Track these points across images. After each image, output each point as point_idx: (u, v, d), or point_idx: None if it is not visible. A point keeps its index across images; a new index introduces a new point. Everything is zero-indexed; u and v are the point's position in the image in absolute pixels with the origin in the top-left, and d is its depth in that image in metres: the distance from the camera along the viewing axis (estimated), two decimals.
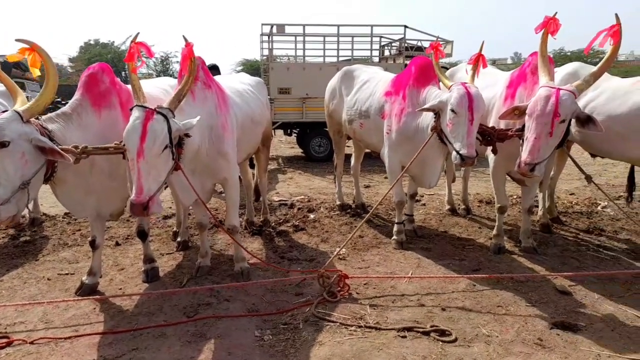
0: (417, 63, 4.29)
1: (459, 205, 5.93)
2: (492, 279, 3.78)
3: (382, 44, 11.60)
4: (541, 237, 4.82)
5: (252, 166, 5.78)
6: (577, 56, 29.74)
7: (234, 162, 3.73)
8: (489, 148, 4.00)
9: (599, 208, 5.88)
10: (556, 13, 3.63)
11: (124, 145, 2.91)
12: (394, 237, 4.64)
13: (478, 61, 3.91)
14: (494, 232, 4.50)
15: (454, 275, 3.91)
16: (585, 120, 3.44)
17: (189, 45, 3.20)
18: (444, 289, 3.66)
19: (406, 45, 10.66)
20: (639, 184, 5.64)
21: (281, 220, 5.48)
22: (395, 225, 4.66)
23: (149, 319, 3.18)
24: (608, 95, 4.15)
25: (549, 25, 3.60)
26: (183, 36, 3.22)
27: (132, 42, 3.18)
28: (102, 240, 3.69)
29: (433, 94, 3.96)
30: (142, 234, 3.83)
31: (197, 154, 3.35)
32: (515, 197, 6.24)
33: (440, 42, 11.22)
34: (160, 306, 3.37)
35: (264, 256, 4.41)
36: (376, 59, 11.43)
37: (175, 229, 4.93)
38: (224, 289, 3.65)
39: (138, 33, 3.22)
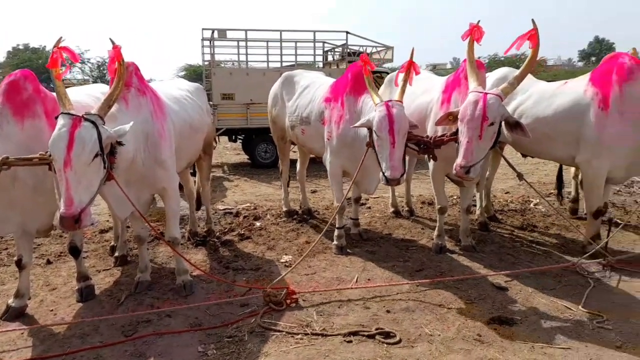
0: (353, 70, 4.33)
1: (403, 207, 6.07)
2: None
3: (326, 49, 11.70)
4: (480, 236, 5.01)
5: (194, 174, 5.63)
6: (511, 61, 31.43)
7: (173, 171, 3.61)
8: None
9: (531, 205, 6.21)
10: (479, 21, 3.79)
11: (49, 155, 2.74)
12: (335, 242, 4.65)
13: (409, 69, 3.92)
14: (436, 232, 4.64)
15: (398, 281, 3.98)
16: (514, 126, 3.61)
17: (116, 48, 3.07)
18: (389, 291, 3.71)
19: (349, 50, 10.81)
20: (568, 182, 6.04)
21: (226, 230, 5.36)
22: (336, 230, 4.68)
23: (82, 341, 3.00)
24: (535, 99, 4.40)
25: (474, 33, 3.76)
26: (110, 39, 3.09)
27: (54, 46, 3.00)
28: (30, 259, 3.44)
29: (367, 106, 4.01)
30: (75, 251, 3.62)
31: (132, 164, 3.21)
32: (455, 197, 6.46)
33: (381, 49, 11.35)
34: (95, 326, 3.19)
35: (208, 267, 4.29)
36: (320, 65, 11.52)
37: (112, 243, 4.71)
38: (166, 303, 3.53)
39: (61, 37, 3.06)
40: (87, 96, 3.68)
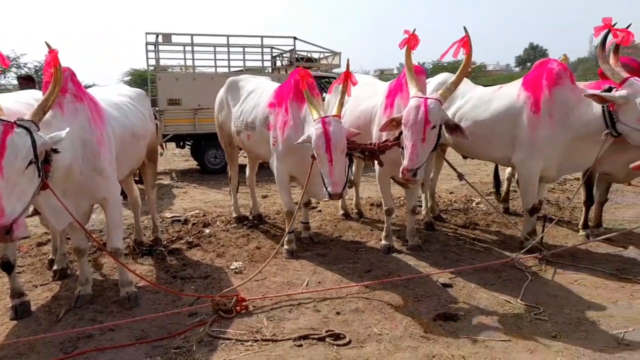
0: (295, 76, 4.29)
1: (352, 209, 6.14)
2: (383, 279, 3.96)
3: (274, 54, 11.68)
4: (426, 235, 5.16)
5: (140, 182, 5.45)
6: (453, 67, 32.66)
7: (114, 180, 3.47)
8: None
9: (474, 204, 6.46)
10: (415, 30, 3.91)
11: None
12: (285, 246, 4.62)
13: (347, 80, 3.91)
14: (384, 233, 4.73)
15: (348, 282, 4.01)
16: (454, 128, 3.75)
17: (52, 52, 2.93)
18: (339, 293, 3.74)
19: (297, 56, 10.84)
20: (504, 181, 6.34)
21: (174, 238, 5.22)
22: (286, 234, 4.65)
23: None
24: (473, 103, 4.60)
25: (410, 41, 3.88)
26: (46, 42, 2.94)
27: None
28: None
29: (309, 117, 3.96)
30: (7, 266, 3.40)
31: (69, 172, 3.07)
32: (402, 199, 6.61)
33: (328, 54, 11.47)
34: (31, 344, 3.01)
35: (154, 277, 4.16)
36: (269, 70, 11.48)
37: (50, 256, 4.46)
38: (110, 316, 3.38)
39: None
40: (17, 103, 3.46)
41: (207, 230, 5.49)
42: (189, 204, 7.12)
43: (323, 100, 5.69)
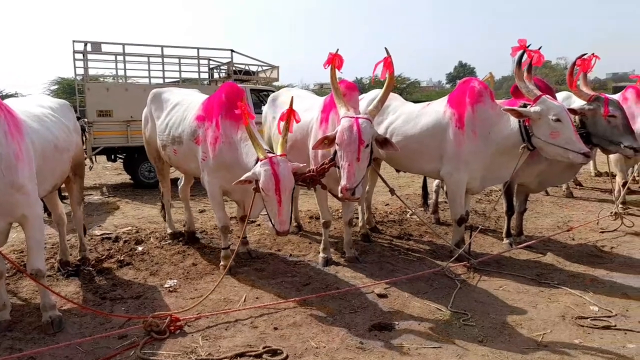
0: (227, 92, 4.21)
1: (292, 223, 6.13)
2: (321, 292, 3.99)
3: (211, 66, 11.53)
4: (362, 246, 5.27)
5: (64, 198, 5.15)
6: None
7: (34, 196, 3.25)
8: None
9: (407, 215, 6.69)
10: (338, 50, 4.02)
11: None
12: (222, 262, 4.56)
13: (289, 118, 3.82)
14: (321, 246, 4.78)
15: (286, 297, 4.01)
16: (383, 142, 3.89)
17: None
18: (277, 308, 3.72)
19: (235, 69, 10.78)
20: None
21: (103, 257, 4.95)
22: (222, 250, 4.60)
23: None
24: (404, 119, 4.80)
25: (335, 61, 3.97)
26: None
27: None
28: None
29: (247, 147, 3.87)
30: None
31: None
32: (339, 211, 6.72)
33: (266, 68, 11.50)
34: None
35: (81, 300, 3.92)
36: (207, 82, 11.31)
37: None
38: (30, 343, 3.15)
39: None
40: None
41: (139, 248, 5.27)
42: (120, 220, 6.81)
43: (260, 113, 5.71)
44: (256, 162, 3.68)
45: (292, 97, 3.96)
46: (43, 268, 3.39)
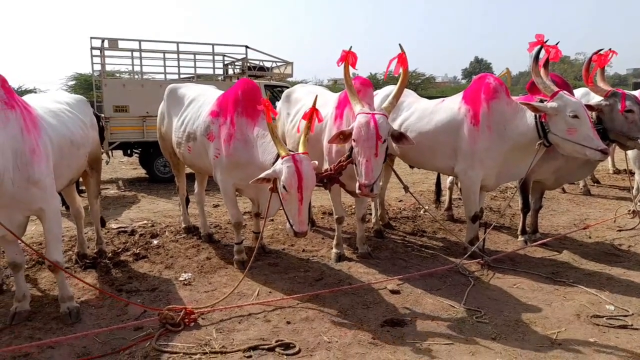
0: (243, 88, 4.17)
1: None
2: (334, 287, 4.01)
3: (226, 62, 11.59)
4: (375, 242, 5.27)
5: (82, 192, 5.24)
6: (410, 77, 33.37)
7: (51, 190, 3.32)
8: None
9: (421, 212, 6.66)
10: (351, 47, 4.00)
11: None
12: (235, 257, 4.59)
13: (312, 117, 3.75)
14: (334, 241, 4.79)
15: (299, 291, 4.03)
16: (399, 137, 3.88)
17: None
18: (290, 302, 3.75)
19: (249, 64, 10.82)
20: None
21: (119, 250, 5.04)
22: (235, 245, 4.63)
23: None
24: (418, 115, 4.78)
25: (347, 58, 3.95)
26: None
27: None
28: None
29: (268, 139, 3.80)
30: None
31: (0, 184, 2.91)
32: (352, 207, 6.72)
33: (280, 64, 11.49)
34: None
35: (97, 292, 4.00)
36: (221, 78, 11.38)
37: None
38: (49, 333, 3.23)
39: None
40: None
41: (155, 241, 5.34)
42: (136, 214, 6.90)
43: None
44: (276, 160, 3.62)
45: (316, 97, 3.86)
46: (61, 260, 3.46)
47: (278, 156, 3.59)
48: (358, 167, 3.69)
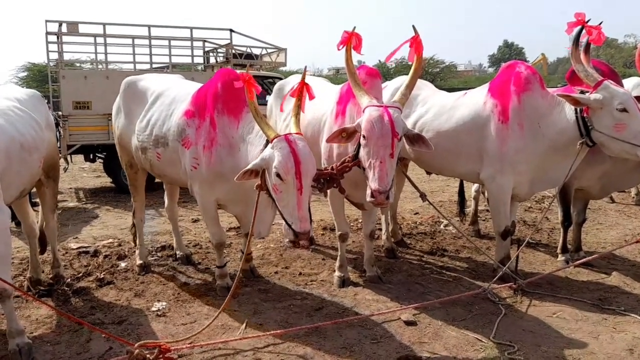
0: (223, 79, 4.09)
1: None
2: (337, 317, 4.01)
3: (207, 49, 11.66)
4: (386, 264, 5.28)
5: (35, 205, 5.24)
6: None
7: None
8: None
9: (441, 227, 6.68)
10: (355, 27, 4.01)
11: None
12: (218, 282, 4.58)
13: (301, 93, 3.75)
14: (337, 263, 4.80)
15: (294, 324, 4.02)
16: (415, 139, 3.88)
17: None
18: (284, 337, 3.74)
19: (234, 52, 10.89)
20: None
21: (80, 274, 5.04)
22: (217, 269, 4.60)
23: None
24: (435, 112, 4.80)
25: (351, 41, 3.97)
26: None
27: None
28: None
29: (255, 131, 3.78)
30: None
31: None
32: (358, 221, 6.73)
33: (272, 51, 11.59)
34: None
35: (54, 324, 4.00)
36: (201, 67, 11.45)
37: None
38: None
39: None
40: None
41: (122, 264, 5.36)
42: (100, 231, 6.92)
43: (264, 105, 5.73)
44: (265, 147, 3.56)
45: (305, 68, 3.85)
46: (8, 287, 3.46)
47: (267, 144, 3.52)
48: (369, 171, 3.67)
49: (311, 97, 3.84)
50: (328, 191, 4.54)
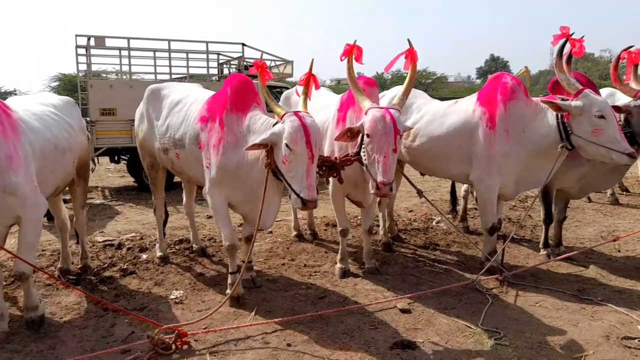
0: (232, 83, 4.04)
1: (306, 230, 6.16)
2: (338, 305, 4.00)
3: (221, 61, 11.65)
4: (384, 257, 5.25)
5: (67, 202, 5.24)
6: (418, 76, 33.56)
7: (31, 197, 3.35)
8: None
9: (434, 223, 6.65)
10: (356, 40, 4.01)
11: None
12: (228, 291, 4.13)
13: (309, 82, 3.86)
14: (339, 256, 4.78)
15: (300, 310, 4.01)
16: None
17: None
18: (290, 323, 3.73)
19: (246, 64, 10.87)
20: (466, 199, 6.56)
21: (106, 265, 5.04)
22: (229, 275, 4.18)
23: None
24: (429, 118, 4.79)
25: (352, 53, 3.97)
26: None
27: None
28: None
29: (260, 121, 3.76)
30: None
31: None
32: (358, 218, 6.70)
33: (280, 63, 11.55)
34: None
35: (82, 310, 3.99)
36: (216, 78, 11.44)
37: None
38: (28, 357, 3.22)
39: None
40: None
41: (144, 256, 5.34)
42: (123, 225, 6.92)
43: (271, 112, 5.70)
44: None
45: (312, 60, 3.91)
46: (27, 271, 3.48)
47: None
48: (374, 165, 3.67)
49: (317, 87, 3.95)
50: (330, 190, 4.56)
